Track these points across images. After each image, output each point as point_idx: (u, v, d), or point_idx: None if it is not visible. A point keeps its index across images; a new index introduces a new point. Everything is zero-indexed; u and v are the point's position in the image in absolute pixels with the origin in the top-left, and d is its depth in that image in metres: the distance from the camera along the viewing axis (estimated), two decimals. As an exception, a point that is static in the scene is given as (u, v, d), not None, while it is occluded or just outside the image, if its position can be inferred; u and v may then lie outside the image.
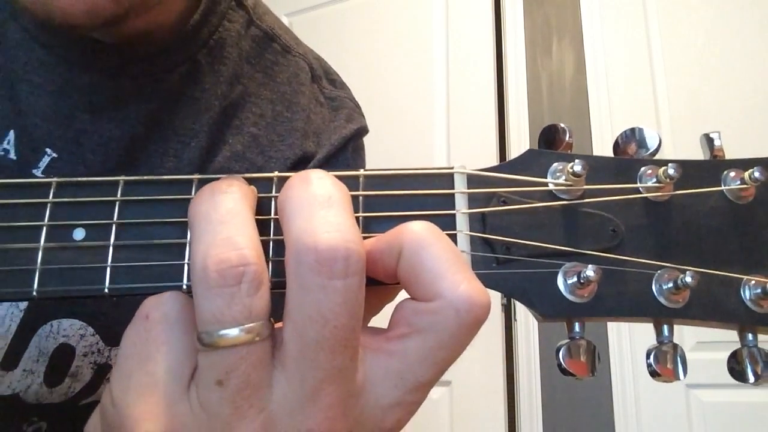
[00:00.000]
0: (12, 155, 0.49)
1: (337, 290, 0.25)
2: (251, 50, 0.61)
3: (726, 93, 1.69)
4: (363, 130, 0.67)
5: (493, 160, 1.87)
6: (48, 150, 0.49)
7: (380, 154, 0.88)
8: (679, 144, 1.68)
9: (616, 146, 0.31)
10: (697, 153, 0.32)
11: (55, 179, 0.33)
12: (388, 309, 0.31)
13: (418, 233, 0.27)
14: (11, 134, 0.49)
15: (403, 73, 2.09)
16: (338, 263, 0.24)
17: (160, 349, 0.28)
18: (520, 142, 1.88)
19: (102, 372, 0.55)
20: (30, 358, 0.51)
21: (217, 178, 0.31)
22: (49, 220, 0.32)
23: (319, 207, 0.26)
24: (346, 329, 0.25)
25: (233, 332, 0.25)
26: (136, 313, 0.29)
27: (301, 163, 0.61)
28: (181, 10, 0.55)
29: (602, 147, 1.77)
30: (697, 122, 1.69)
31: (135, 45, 0.52)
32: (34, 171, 0.49)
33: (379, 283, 0.29)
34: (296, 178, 0.28)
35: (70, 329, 0.51)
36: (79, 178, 0.33)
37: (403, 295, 0.29)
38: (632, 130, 0.30)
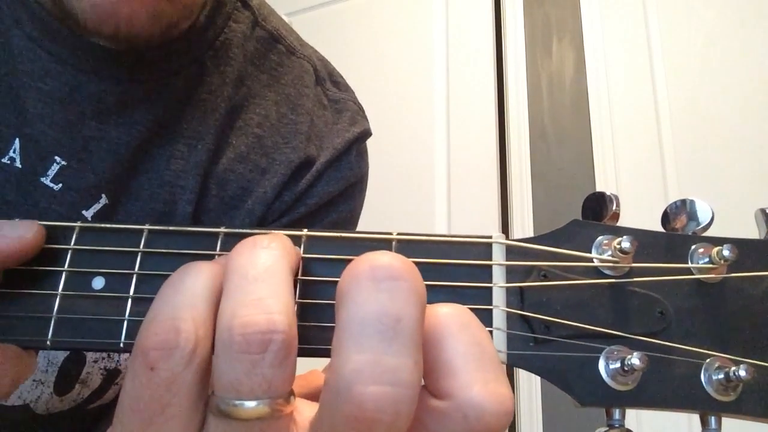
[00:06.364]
0: (18, 164, 0.45)
1: None
2: (256, 51, 0.57)
3: (726, 93, 1.62)
4: (366, 133, 0.63)
5: (493, 160, 1.81)
6: (57, 158, 0.46)
7: (379, 154, 0.84)
8: (679, 144, 1.62)
9: (665, 217, 0.27)
10: (696, 152, 0.27)
11: (78, 224, 0.29)
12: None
13: (441, 320, 0.22)
14: (17, 142, 0.45)
15: (403, 73, 2.00)
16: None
17: (165, 412, 0.23)
18: (520, 142, 1.81)
19: (111, 377, 0.52)
20: (39, 368, 0.48)
21: (248, 233, 0.27)
22: (69, 266, 0.29)
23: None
24: None
25: (250, 404, 0.21)
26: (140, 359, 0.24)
27: (304, 167, 0.56)
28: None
29: (602, 147, 1.71)
30: (697, 122, 1.63)
31: (141, 50, 0.48)
32: (42, 179, 0.46)
33: None
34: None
35: None
36: (103, 225, 0.29)
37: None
38: (683, 201, 0.26)
